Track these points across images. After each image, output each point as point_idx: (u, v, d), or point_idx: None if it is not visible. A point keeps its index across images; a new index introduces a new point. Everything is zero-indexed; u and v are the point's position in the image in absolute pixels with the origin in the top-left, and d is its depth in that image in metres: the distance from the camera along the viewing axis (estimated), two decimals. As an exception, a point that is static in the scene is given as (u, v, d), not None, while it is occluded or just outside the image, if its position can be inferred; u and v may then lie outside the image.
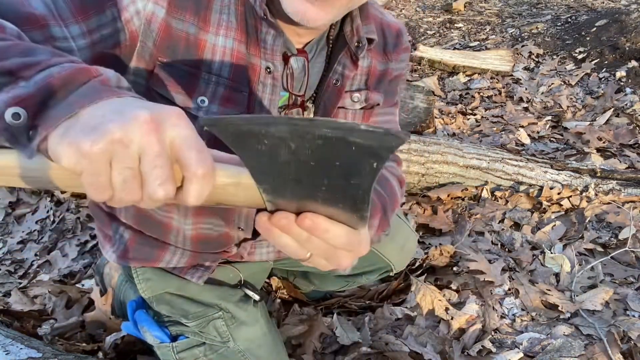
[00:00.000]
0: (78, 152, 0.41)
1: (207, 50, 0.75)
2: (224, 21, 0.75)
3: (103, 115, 0.44)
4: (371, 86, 0.94)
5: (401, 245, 1.26)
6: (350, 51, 0.85)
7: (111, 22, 0.69)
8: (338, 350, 1.34)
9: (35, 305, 1.47)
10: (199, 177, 0.45)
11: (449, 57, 3.65)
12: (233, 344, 1.00)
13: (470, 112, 2.97)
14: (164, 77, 0.75)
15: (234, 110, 0.79)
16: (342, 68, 0.86)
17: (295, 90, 0.86)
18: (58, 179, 0.47)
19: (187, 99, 0.77)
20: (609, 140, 2.46)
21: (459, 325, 1.40)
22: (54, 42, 0.63)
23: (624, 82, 3.02)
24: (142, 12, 0.70)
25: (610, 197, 1.92)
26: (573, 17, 4.15)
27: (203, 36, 0.75)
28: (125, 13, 0.69)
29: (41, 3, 0.63)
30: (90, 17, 0.67)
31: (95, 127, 0.42)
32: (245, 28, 0.76)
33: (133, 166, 0.44)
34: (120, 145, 0.42)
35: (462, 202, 2.00)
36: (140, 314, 1.04)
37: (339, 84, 0.88)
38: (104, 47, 0.70)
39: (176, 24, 0.72)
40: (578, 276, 1.57)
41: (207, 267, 0.99)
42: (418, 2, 5.33)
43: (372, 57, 0.92)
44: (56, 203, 2.03)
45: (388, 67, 0.95)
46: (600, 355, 1.26)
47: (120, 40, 0.71)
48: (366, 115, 0.95)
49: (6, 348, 1.09)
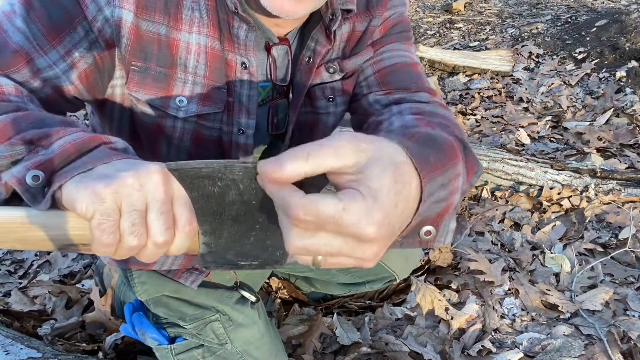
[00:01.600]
0: (92, 194, 0.45)
1: (181, 49, 0.73)
2: (196, 18, 0.73)
3: (116, 169, 0.48)
4: (348, 52, 0.86)
5: (406, 257, 1.25)
6: (324, 25, 0.79)
7: (85, 38, 0.68)
8: (338, 350, 1.34)
9: (35, 305, 1.47)
10: (186, 233, 0.49)
11: (449, 57, 3.65)
12: (231, 346, 1.00)
13: (470, 112, 2.97)
14: (139, 81, 0.73)
15: (213, 107, 0.78)
16: (315, 44, 0.81)
17: (279, 80, 0.83)
18: (69, 229, 0.50)
19: (165, 100, 0.75)
20: (609, 140, 2.46)
21: (459, 325, 1.40)
22: (41, 74, 0.66)
23: (624, 82, 3.02)
24: (111, 19, 0.68)
25: (610, 197, 1.92)
26: (573, 17, 4.15)
27: (175, 35, 0.72)
28: (95, 24, 0.68)
29: (21, 35, 0.65)
30: (64, 38, 0.67)
31: (109, 175, 0.47)
32: (218, 23, 0.74)
33: (141, 209, 0.47)
34: (131, 189, 0.46)
35: (462, 202, 2.00)
36: (137, 317, 1.04)
37: (311, 61, 0.83)
38: (85, 64, 0.70)
39: (146, 26, 0.70)
40: (578, 276, 1.57)
41: (202, 271, 0.99)
42: (418, 2, 5.33)
43: (353, 21, 0.84)
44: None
45: (370, 24, 0.86)
46: (600, 355, 1.26)
47: (99, 52, 0.70)
48: (349, 83, 0.87)
49: (6, 348, 1.09)
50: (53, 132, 0.54)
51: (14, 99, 0.62)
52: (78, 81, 0.70)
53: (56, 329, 1.35)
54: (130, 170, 0.47)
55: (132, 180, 0.46)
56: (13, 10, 0.66)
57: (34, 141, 0.53)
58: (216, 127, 0.80)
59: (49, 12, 0.66)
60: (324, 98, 0.88)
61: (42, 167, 0.50)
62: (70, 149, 0.51)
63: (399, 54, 0.88)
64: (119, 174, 0.46)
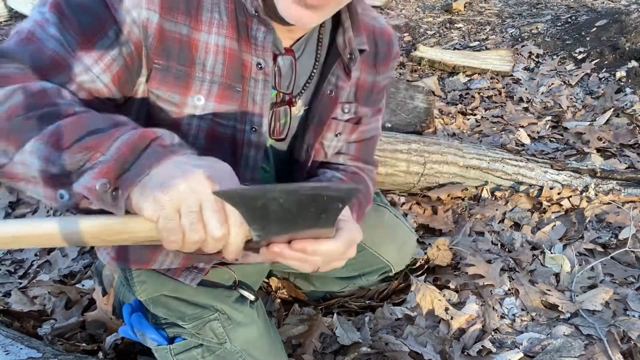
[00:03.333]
0: (153, 202, 0.54)
1: (201, 49, 0.77)
2: (215, 19, 0.77)
3: (170, 175, 0.55)
4: (360, 99, 0.97)
5: (399, 246, 1.26)
6: (343, 62, 0.88)
7: (115, 41, 0.72)
8: (338, 350, 1.34)
9: (35, 305, 1.47)
10: (238, 226, 0.59)
11: (449, 57, 3.65)
12: (230, 345, 1.00)
13: (470, 112, 2.97)
14: (160, 79, 0.76)
15: (229, 105, 0.81)
16: (336, 79, 0.89)
17: (283, 88, 0.88)
18: (144, 231, 0.59)
19: (184, 98, 0.78)
20: (609, 140, 2.46)
21: (459, 325, 1.40)
22: (77, 78, 0.70)
23: (624, 82, 3.02)
24: (138, 21, 0.72)
25: (610, 197, 1.92)
26: (573, 17, 4.15)
27: (196, 35, 0.76)
28: (125, 26, 0.71)
29: (56, 43, 0.68)
30: (96, 43, 0.70)
31: (164, 182, 0.55)
32: (236, 25, 0.78)
33: (196, 210, 0.55)
34: (185, 194, 0.54)
35: (462, 202, 2.00)
36: (136, 318, 1.04)
37: (334, 95, 0.91)
38: (117, 66, 0.73)
39: (169, 26, 0.74)
40: (578, 276, 1.57)
41: (201, 270, 0.99)
42: (418, 2, 5.33)
43: (361, 69, 0.94)
44: (56, 203, 2.03)
45: (376, 80, 0.98)
46: (600, 355, 1.26)
47: (129, 54, 0.73)
48: (353, 128, 1.00)
49: (6, 348, 1.09)
50: (106, 136, 0.59)
51: (61, 101, 0.64)
52: (111, 83, 0.73)
53: (56, 329, 1.34)
54: (181, 176, 0.55)
55: (184, 186, 0.54)
56: (45, 19, 0.69)
57: (92, 148, 0.58)
58: (230, 125, 0.84)
59: (80, 19, 0.69)
60: (332, 131, 0.97)
61: (107, 175, 0.56)
62: (126, 151, 0.57)
63: (375, 126, 1.07)
64: (172, 181, 0.54)
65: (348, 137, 1.02)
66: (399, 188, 2.05)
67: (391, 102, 2.46)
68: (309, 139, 0.95)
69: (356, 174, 1.04)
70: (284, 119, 0.92)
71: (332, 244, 0.64)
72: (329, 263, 0.67)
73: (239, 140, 0.85)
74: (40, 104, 0.61)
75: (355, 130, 1.01)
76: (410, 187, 2.04)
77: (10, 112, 0.61)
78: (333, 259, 0.66)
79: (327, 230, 0.62)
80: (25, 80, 0.64)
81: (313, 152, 0.97)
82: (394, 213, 1.28)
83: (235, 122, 0.83)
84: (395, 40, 1.01)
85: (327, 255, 0.64)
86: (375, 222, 1.22)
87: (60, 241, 0.59)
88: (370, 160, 1.10)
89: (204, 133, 0.83)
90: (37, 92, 0.63)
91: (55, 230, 0.57)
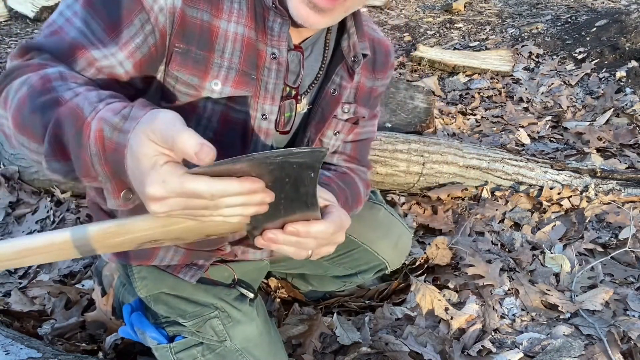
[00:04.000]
0: (150, 208, 0.55)
1: (220, 36, 0.80)
2: (235, 9, 0.80)
3: (135, 176, 0.56)
4: (359, 100, 1.02)
5: (395, 243, 1.26)
6: (347, 65, 0.92)
7: (141, 30, 0.74)
8: (338, 350, 1.34)
9: (35, 305, 1.47)
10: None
11: (449, 57, 3.65)
12: (230, 343, 1.00)
13: (470, 112, 2.97)
14: (179, 62, 0.79)
15: (244, 92, 0.84)
16: (340, 79, 0.94)
17: (290, 83, 0.91)
18: (143, 228, 0.61)
19: (202, 81, 0.81)
20: (609, 140, 2.46)
21: (459, 325, 1.40)
22: (97, 63, 0.72)
23: (624, 82, 3.02)
24: (165, 8, 0.75)
25: (610, 197, 1.92)
26: (573, 17, 4.15)
27: (216, 22, 0.79)
28: (152, 14, 0.74)
29: (76, 31, 0.71)
30: (122, 31, 0.73)
31: (141, 190, 0.55)
32: (254, 15, 0.82)
33: (183, 197, 0.56)
34: (166, 195, 0.55)
35: (462, 202, 2.00)
36: (136, 316, 1.04)
37: (337, 94, 0.95)
38: (141, 54, 0.75)
39: (191, 12, 0.77)
40: (578, 276, 1.57)
41: (201, 266, 1.00)
42: (418, 2, 5.33)
43: (361, 74, 0.99)
44: (56, 203, 2.03)
45: (374, 85, 1.03)
46: (600, 355, 1.26)
47: (154, 42, 0.76)
48: (352, 128, 1.04)
49: (6, 348, 1.09)
50: (82, 149, 0.59)
51: (59, 86, 0.64)
52: (133, 70, 0.76)
53: (56, 329, 1.34)
54: (147, 182, 0.53)
55: (156, 189, 0.53)
56: (74, 12, 0.72)
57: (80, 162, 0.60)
58: (244, 110, 0.87)
59: (108, 9, 0.72)
60: (332, 129, 1.00)
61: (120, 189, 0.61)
62: (107, 169, 0.59)
63: (371, 129, 1.10)
64: (147, 191, 0.53)
65: (345, 137, 1.05)
66: (399, 188, 2.05)
67: (391, 102, 2.46)
68: (310, 135, 0.97)
69: (346, 174, 1.06)
70: (289, 113, 0.95)
71: (323, 224, 0.67)
72: (321, 247, 0.71)
73: (249, 126, 0.88)
74: (39, 93, 0.63)
75: (353, 130, 1.05)
76: (410, 187, 2.04)
77: (18, 104, 0.64)
78: (324, 242, 0.69)
79: (314, 212, 0.65)
80: (40, 69, 0.67)
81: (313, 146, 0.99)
82: (389, 211, 1.29)
83: (249, 108, 0.86)
84: (392, 51, 1.06)
85: (319, 236, 0.67)
86: (370, 219, 1.24)
87: (71, 251, 0.61)
88: (364, 161, 1.13)
89: (217, 116, 0.85)
90: (38, 80, 0.64)
91: (66, 239, 0.60)
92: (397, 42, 4.29)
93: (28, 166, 2.10)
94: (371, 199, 1.29)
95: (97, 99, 0.61)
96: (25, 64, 0.69)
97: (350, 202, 1.02)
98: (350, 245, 1.22)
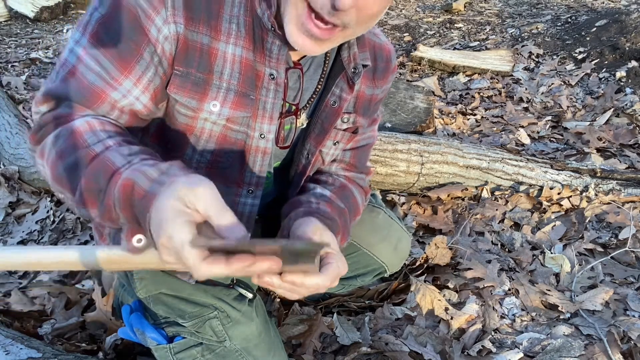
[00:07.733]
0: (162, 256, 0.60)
1: (219, 58, 0.81)
2: (233, 30, 0.80)
3: (155, 224, 0.59)
4: (359, 110, 1.01)
5: (394, 246, 1.26)
6: (347, 75, 0.91)
7: (151, 61, 0.76)
8: (338, 350, 1.34)
9: (35, 305, 1.47)
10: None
11: (449, 57, 3.65)
12: (229, 343, 1.00)
13: (470, 112, 2.97)
14: (178, 84, 0.80)
15: (243, 112, 0.85)
16: (340, 91, 0.93)
17: (289, 99, 0.91)
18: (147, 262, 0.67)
19: (201, 103, 0.82)
20: (609, 140, 2.46)
21: (459, 325, 1.40)
22: (118, 104, 0.76)
23: (624, 82, 3.02)
24: (169, 36, 0.76)
25: (610, 197, 1.92)
26: (573, 17, 4.15)
27: (215, 45, 0.80)
28: (158, 45, 0.76)
29: (93, 75, 0.74)
30: (134, 67, 0.75)
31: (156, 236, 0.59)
32: (253, 37, 0.82)
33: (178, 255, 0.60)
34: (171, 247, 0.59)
35: (462, 202, 2.00)
36: (136, 317, 1.04)
37: (337, 105, 0.94)
38: (154, 85, 0.78)
39: (192, 36, 0.78)
40: (578, 276, 1.57)
41: None
42: (418, 2, 5.34)
43: (361, 82, 0.98)
44: (56, 203, 2.03)
45: (374, 93, 1.02)
46: (600, 355, 1.26)
47: (163, 71, 0.78)
48: (351, 137, 1.03)
49: (6, 348, 1.09)
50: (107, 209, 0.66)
51: (89, 139, 0.70)
52: (150, 102, 0.79)
53: (56, 329, 1.34)
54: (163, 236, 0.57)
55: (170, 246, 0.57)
56: (84, 50, 0.74)
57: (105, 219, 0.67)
58: (242, 131, 0.87)
59: (116, 44, 0.74)
60: (331, 140, 1.00)
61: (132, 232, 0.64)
62: (127, 215, 0.64)
63: (370, 135, 1.09)
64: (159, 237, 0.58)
65: (344, 146, 1.06)
66: (399, 188, 2.05)
67: (391, 102, 2.46)
68: (310, 146, 0.98)
69: (344, 188, 1.06)
70: (289, 126, 0.96)
71: (319, 278, 0.70)
72: (314, 292, 0.73)
73: (248, 146, 0.89)
74: (72, 149, 0.69)
75: (352, 139, 1.05)
76: (410, 187, 2.04)
77: (54, 160, 0.70)
78: (318, 290, 0.72)
79: (312, 266, 0.67)
80: (70, 119, 0.72)
81: (313, 158, 1.00)
82: (389, 214, 1.29)
83: (247, 128, 0.87)
84: (393, 55, 1.05)
85: (312, 287, 0.70)
86: (369, 223, 1.24)
87: (77, 266, 0.66)
88: (364, 168, 1.13)
89: (215, 137, 0.86)
90: (70, 136, 0.70)
91: (76, 258, 0.66)
92: (397, 42, 4.30)
93: (28, 166, 2.10)
94: (371, 202, 1.28)
95: (128, 152, 0.68)
96: (56, 115, 0.73)
97: (349, 218, 1.03)
98: (349, 248, 1.21)
